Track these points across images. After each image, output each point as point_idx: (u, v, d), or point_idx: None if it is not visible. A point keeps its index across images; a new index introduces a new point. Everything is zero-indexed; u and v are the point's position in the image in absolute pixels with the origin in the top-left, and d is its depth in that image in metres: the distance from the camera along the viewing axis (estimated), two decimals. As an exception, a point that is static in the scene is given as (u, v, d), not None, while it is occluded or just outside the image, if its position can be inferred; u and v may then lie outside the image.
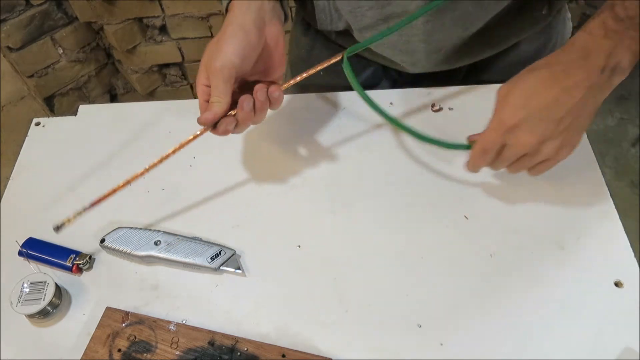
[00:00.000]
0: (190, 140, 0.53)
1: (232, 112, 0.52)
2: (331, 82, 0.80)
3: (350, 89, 0.71)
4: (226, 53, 0.50)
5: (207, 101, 0.52)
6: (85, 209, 0.52)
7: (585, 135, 0.62)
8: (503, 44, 0.68)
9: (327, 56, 0.75)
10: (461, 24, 0.61)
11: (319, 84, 0.80)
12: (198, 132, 0.52)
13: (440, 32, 0.61)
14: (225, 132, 0.52)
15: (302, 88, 0.83)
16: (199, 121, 0.51)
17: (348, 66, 0.55)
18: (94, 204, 0.52)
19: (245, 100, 0.51)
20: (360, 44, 0.56)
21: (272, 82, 0.55)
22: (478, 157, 0.52)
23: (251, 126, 0.55)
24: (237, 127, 0.53)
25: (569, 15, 0.74)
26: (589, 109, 0.47)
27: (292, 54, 0.83)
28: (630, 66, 0.46)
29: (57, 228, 0.51)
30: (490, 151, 0.51)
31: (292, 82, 0.56)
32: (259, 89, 0.52)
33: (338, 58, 0.56)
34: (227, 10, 0.55)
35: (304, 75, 0.56)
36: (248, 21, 0.51)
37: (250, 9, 0.52)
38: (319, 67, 0.56)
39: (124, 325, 0.49)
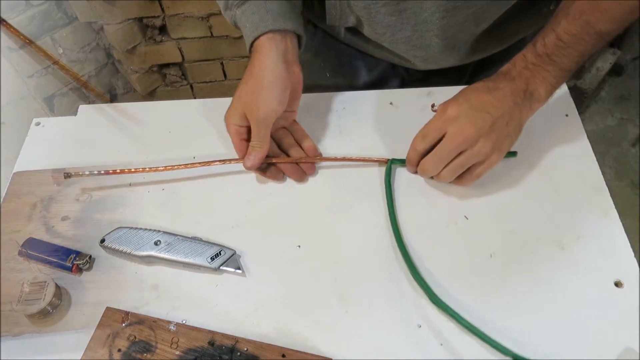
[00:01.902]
0: (221, 162, 0.60)
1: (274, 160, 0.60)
2: (333, 82, 0.80)
3: (351, 88, 0.71)
4: (270, 103, 0.54)
5: (242, 140, 0.58)
6: (94, 173, 0.59)
7: (585, 135, 0.63)
8: (512, 38, 0.70)
9: (335, 58, 0.75)
10: (474, 20, 0.62)
11: (322, 84, 0.80)
12: (232, 160, 0.60)
13: (454, 28, 0.62)
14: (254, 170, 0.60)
15: (303, 88, 0.83)
16: (246, 166, 0.57)
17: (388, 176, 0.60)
18: (106, 172, 0.59)
19: (278, 174, 0.61)
20: (402, 160, 0.60)
21: (305, 139, 0.62)
22: (418, 142, 0.55)
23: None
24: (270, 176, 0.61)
25: None
26: (515, 122, 0.53)
27: (299, 57, 0.83)
28: (546, 95, 0.53)
29: (68, 175, 0.59)
30: (429, 136, 0.54)
31: (330, 159, 0.62)
32: (294, 171, 0.61)
33: (382, 162, 0.61)
34: (250, 49, 0.57)
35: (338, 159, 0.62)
36: (282, 69, 0.55)
37: (279, 52, 0.55)
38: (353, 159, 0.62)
39: (124, 325, 0.49)
